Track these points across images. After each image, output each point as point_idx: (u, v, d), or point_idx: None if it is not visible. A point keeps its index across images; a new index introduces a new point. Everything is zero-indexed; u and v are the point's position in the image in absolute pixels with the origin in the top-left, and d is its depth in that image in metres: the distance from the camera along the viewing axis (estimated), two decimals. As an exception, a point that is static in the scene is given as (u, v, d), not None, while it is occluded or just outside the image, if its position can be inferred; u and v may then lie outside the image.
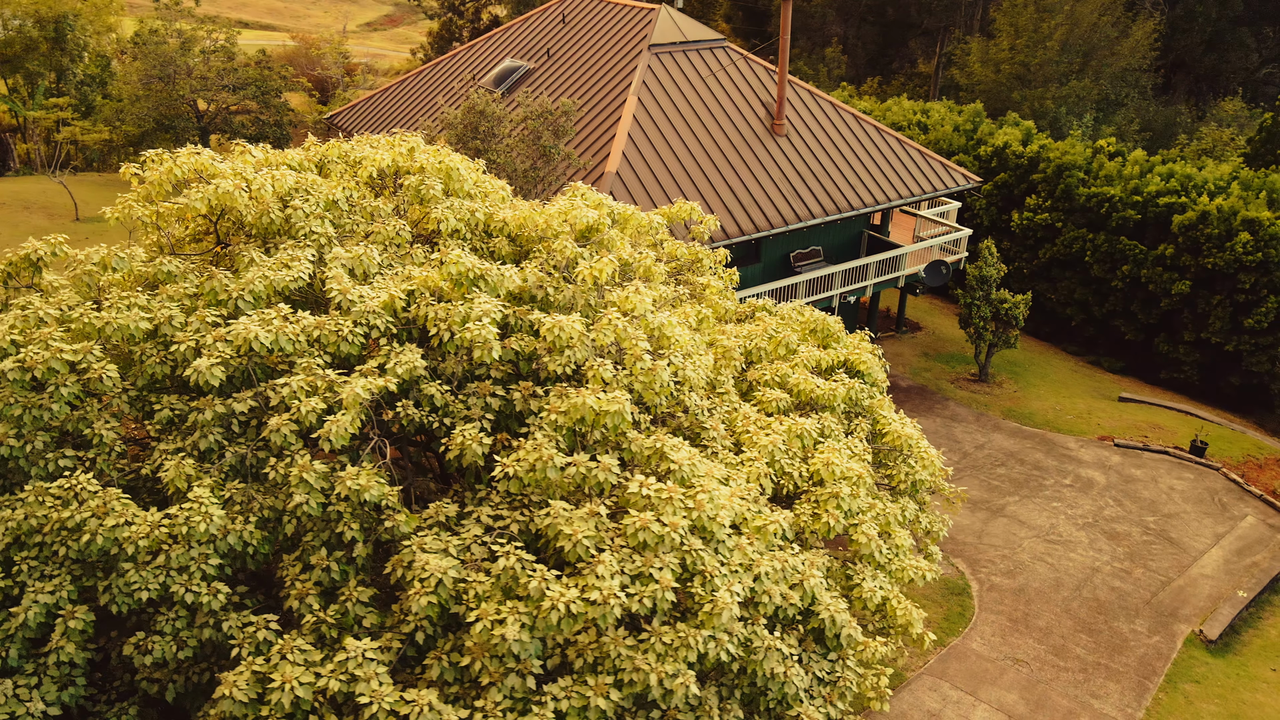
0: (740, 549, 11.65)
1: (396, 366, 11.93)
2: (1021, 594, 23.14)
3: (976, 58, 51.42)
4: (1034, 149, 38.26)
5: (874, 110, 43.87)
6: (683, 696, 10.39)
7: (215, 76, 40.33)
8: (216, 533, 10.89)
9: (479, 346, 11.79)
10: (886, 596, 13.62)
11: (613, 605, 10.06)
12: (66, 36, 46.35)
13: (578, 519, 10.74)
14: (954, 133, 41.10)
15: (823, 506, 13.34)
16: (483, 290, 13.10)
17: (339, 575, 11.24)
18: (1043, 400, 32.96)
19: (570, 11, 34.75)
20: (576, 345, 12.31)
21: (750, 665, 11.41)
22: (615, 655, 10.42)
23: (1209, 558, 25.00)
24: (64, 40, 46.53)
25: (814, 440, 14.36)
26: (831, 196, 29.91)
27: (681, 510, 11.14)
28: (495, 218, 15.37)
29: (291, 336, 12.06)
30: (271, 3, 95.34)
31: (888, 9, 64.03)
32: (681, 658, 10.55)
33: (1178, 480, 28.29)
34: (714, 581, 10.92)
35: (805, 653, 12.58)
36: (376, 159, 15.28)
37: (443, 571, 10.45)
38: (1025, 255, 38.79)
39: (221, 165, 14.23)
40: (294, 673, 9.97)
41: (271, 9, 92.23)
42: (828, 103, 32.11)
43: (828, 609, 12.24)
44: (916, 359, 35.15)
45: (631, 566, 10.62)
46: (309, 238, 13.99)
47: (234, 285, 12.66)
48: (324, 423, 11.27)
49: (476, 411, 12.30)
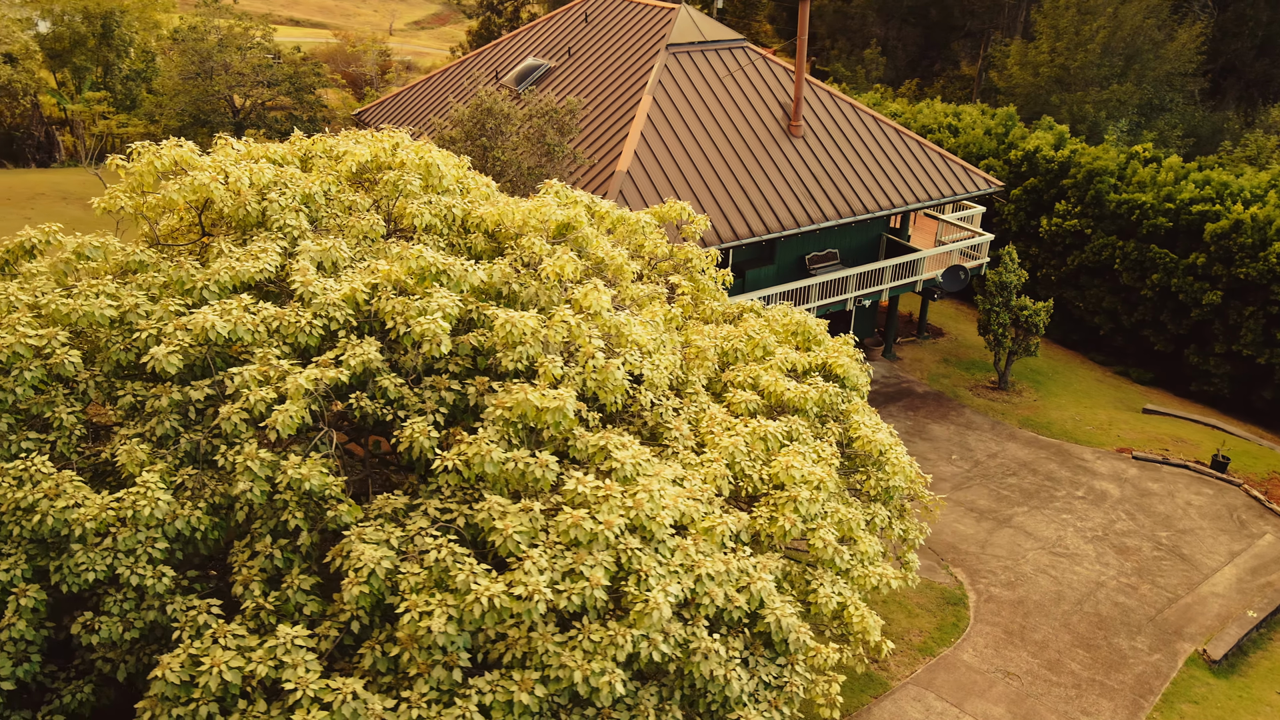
0: (683, 549, 11.61)
1: (350, 359, 12.07)
2: (1020, 606, 22.72)
3: (1015, 60, 50.55)
4: (1065, 154, 37.54)
5: (904, 113, 43.37)
6: (609, 695, 10.39)
7: (251, 73, 41.12)
8: (163, 517, 11.12)
9: (428, 340, 11.89)
10: (844, 603, 13.47)
11: (537, 601, 10.09)
12: (113, 32, 47.58)
13: (511, 514, 10.79)
14: (985, 136, 40.47)
15: (780, 510, 13.24)
16: (445, 285, 13.22)
17: (282, 563, 11.41)
18: (1063, 410, 32.32)
19: (593, 11, 34.85)
20: (529, 341, 12.36)
21: (688, 667, 11.36)
22: (543, 651, 10.45)
23: (1221, 576, 24.33)
24: (111, 36, 47.76)
25: (779, 443, 14.25)
26: (846, 199, 29.63)
27: (619, 509, 11.13)
28: (473, 214, 15.48)
29: (251, 327, 12.27)
30: (323, 1, 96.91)
31: (930, 10, 63.27)
32: (610, 656, 10.54)
33: (1196, 495, 27.57)
34: (648, 581, 10.90)
35: (753, 656, 12.49)
36: (357, 154, 15.48)
37: (375, 562, 10.56)
38: (1053, 262, 38.06)
39: (202, 158, 14.52)
40: (224, 657, 10.15)
41: (323, 7, 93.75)
42: (847, 104, 31.82)
43: (774, 613, 12.14)
44: (936, 365, 34.67)
45: (562, 563, 10.64)
46: (283, 230, 14.22)
47: (200, 275, 12.91)
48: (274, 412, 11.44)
49: (430, 405, 12.41)
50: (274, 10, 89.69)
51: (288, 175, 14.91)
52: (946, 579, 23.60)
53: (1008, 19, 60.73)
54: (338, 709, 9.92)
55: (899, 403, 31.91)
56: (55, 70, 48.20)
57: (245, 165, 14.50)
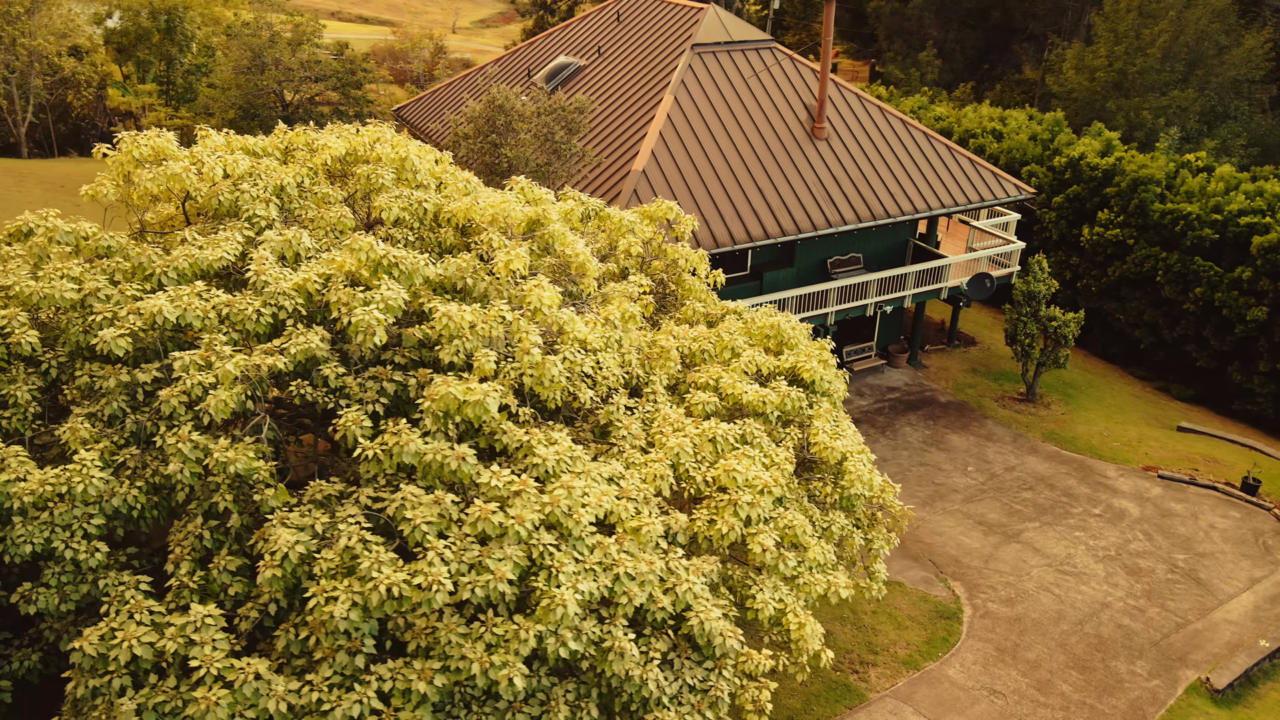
0: (602, 548, 11.61)
1: (291, 347, 12.34)
2: (1017, 623, 22.16)
3: (1071, 65, 49.20)
4: (1109, 161, 36.44)
5: (948, 117, 42.58)
6: (508, 688, 10.45)
7: (299, 68, 42.14)
8: (97, 494, 11.51)
9: (362, 331, 12.09)
10: (783, 609, 13.32)
11: (435, 591, 10.20)
12: (176, 27, 49.18)
13: (424, 505, 10.92)
14: (1029, 142, 39.52)
15: (720, 513, 13.15)
16: (397, 277, 13.42)
17: (212, 544, 11.72)
18: (1091, 425, 31.39)
19: (625, 10, 34.93)
20: (467, 335, 12.49)
21: (601, 665, 11.37)
22: (446, 642, 10.55)
23: (1237, 603, 23.40)
24: (174, 31, 49.37)
25: (731, 446, 14.15)
26: (868, 203, 29.21)
27: (534, 505, 11.19)
28: (445, 209, 15.67)
29: (201, 313, 12.62)
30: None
31: (992, 12, 61.96)
32: (513, 650, 10.60)
33: (1221, 518, 26.56)
34: (559, 577, 10.93)
35: (679, 658, 12.44)
36: (332, 148, 15.79)
37: (290, 546, 10.79)
38: (1094, 272, 36.99)
39: (180, 148, 14.97)
40: (136, 632, 10.47)
41: (391, 5, 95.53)
42: (874, 107, 31.36)
43: (699, 615, 12.07)
44: (963, 374, 33.96)
45: (470, 556, 10.73)
46: (251, 221, 14.58)
47: (160, 262, 13.32)
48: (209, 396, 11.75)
49: (371, 395, 12.62)
50: (344, 8, 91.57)
51: (263, 167, 15.28)
52: (943, 592, 23.13)
53: (1071, 22, 59.19)
54: (239, 688, 10.16)
55: (919, 411, 31.36)
56: (121, 64, 50.01)
57: (220, 156, 14.89)
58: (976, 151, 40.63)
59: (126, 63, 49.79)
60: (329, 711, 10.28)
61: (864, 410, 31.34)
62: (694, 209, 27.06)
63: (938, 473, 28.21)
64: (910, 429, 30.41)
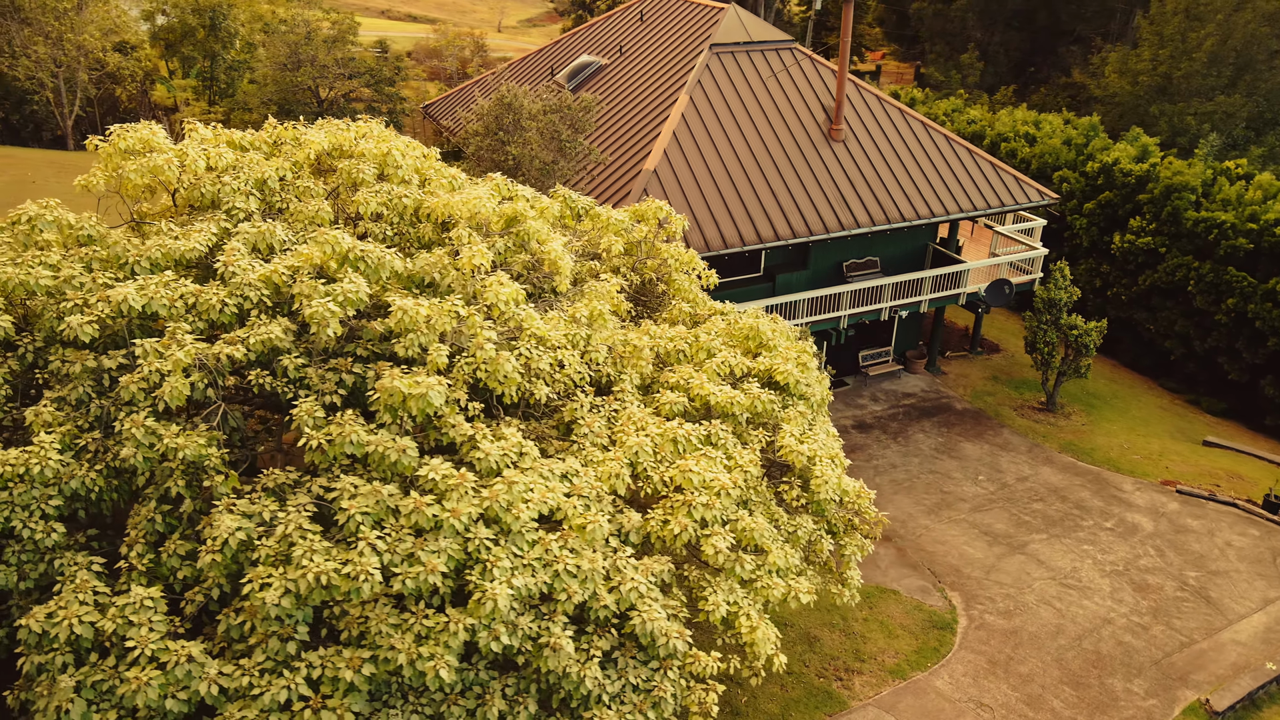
0: (543, 544, 11.64)
1: (251, 337, 12.55)
2: (1013, 636, 21.75)
3: (1114, 68, 48.11)
4: (1144, 167, 35.58)
5: (980, 120, 41.91)
6: (435, 680, 10.52)
7: (334, 65, 42.81)
8: (54, 475, 11.81)
9: (316, 323, 12.26)
10: (735, 612, 13.23)
11: (363, 581, 10.31)
12: (220, 24, 50.25)
13: (362, 495, 11.04)
14: (1063, 146, 38.73)
15: (674, 514, 13.10)
16: (363, 271, 13.58)
17: (164, 527, 11.97)
18: (1111, 436, 30.68)
19: (648, 9, 34.93)
20: (422, 329, 12.60)
21: (536, 661, 11.40)
22: (376, 632, 10.66)
23: (1247, 624, 22.71)
24: (218, 28, 50.45)
25: (694, 447, 14.09)
26: (883, 206, 28.87)
27: (472, 499, 11.25)
28: (425, 204, 15.82)
29: (167, 302, 12.89)
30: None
31: (1039, 13, 60.83)
32: (443, 642, 10.68)
33: (1238, 536, 25.79)
34: (492, 572, 10.98)
35: (623, 656, 12.42)
36: (315, 142, 16.02)
37: (230, 532, 10.98)
38: (1124, 281, 36.14)
39: (166, 141, 15.30)
40: (79, 611, 10.74)
41: (440, 4, 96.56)
42: (895, 108, 30.98)
43: (642, 615, 12.04)
44: (983, 382, 33.40)
45: (404, 547, 10.83)
46: (230, 213, 14.86)
47: (134, 251, 13.63)
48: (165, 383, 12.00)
49: (330, 386, 12.79)
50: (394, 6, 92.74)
51: (246, 160, 15.56)
52: (939, 602, 22.77)
53: (1119, 24, 57.90)
54: (171, 669, 10.37)
55: (934, 419, 30.91)
56: (167, 59, 51.22)
57: (204, 149, 15.20)
58: (1008, 156, 39.95)
59: (172, 58, 50.97)
60: (259, 696, 10.45)
61: (877, 416, 30.99)
62: (704, 209, 27.00)
63: (947, 481, 27.78)
64: (923, 436, 29.99)
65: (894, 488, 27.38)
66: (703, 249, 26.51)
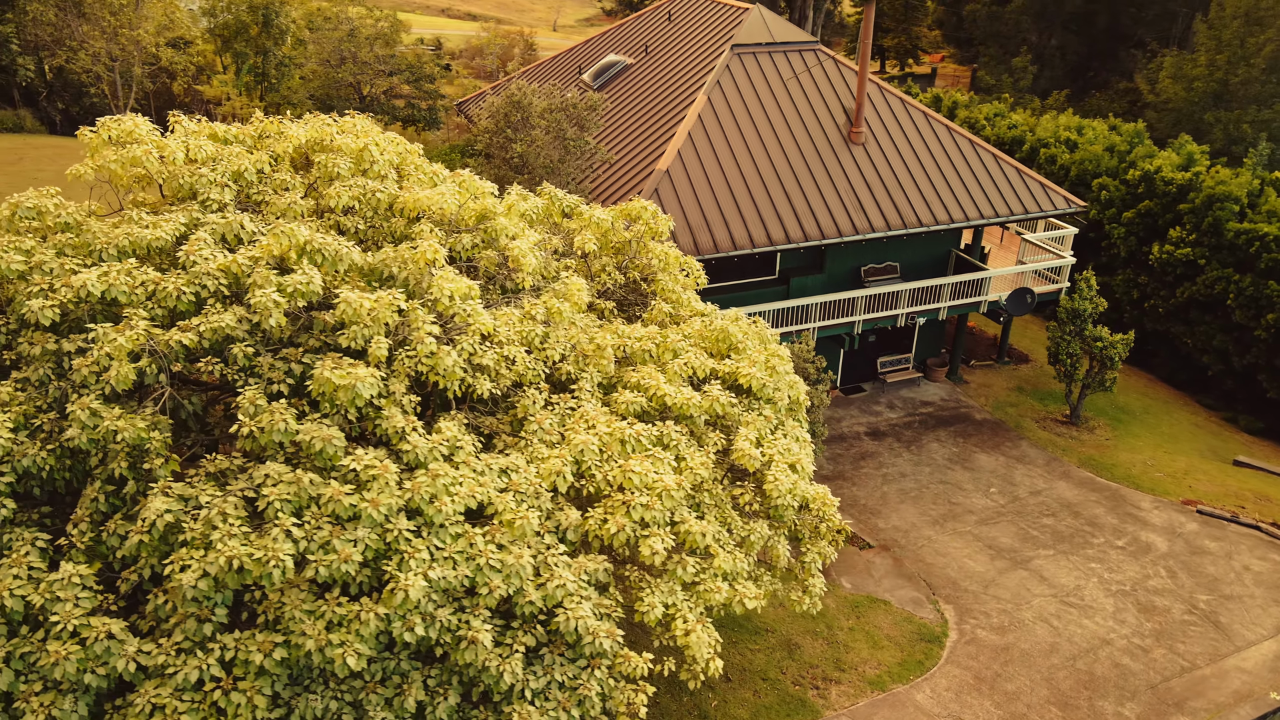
0: (467, 537, 11.72)
1: (203, 325, 12.87)
2: (1004, 653, 21.24)
3: (1168, 73, 46.66)
4: (1186, 176, 34.45)
5: (1021, 125, 41.00)
6: (342, 667, 10.67)
7: (374, 61, 43.57)
8: (4, 453, 12.24)
9: (259, 312, 12.52)
10: (672, 615, 13.16)
11: (272, 566, 10.50)
12: (272, 21, 51.44)
13: (284, 482, 11.25)
14: (1105, 153, 37.69)
15: (614, 513, 13.09)
16: (320, 263, 13.83)
17: (106, 507, 12.33)
18: (1136, 453, 29.77)
19: (676, 9, 34.88)
20: (365, 321, 12.78)
21: (455, 654, 11.49)
22: (290, 617, 10.85)
23: (1256, 651, 21.87)
24: (270, 25, 51.66)
25: (643, 447, 14.05)
26: (900, 211, 28.42)
27: (394, 490, 11.38)
28: (398, 199, 16.04)
29: (127, 289, 13.27)
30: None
31: (1099, 16, 59.28)
32: (354, 630, 10.82)
33: (1258, 560, 24.84)
34: (409, 563, 11.10)
35: (551, 654, 12.44)
36: (292, 136, 16.34)
37: (158, 515, 11.27)
38: (1162, 293, 35.04)
39: (149, 133, 15.75)
40: (10, 584, 11.12)
41: (501, 3, 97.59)
42: (919, 112, 30.47)
43: (567, 613, 12.06)
44: (1006, 392, 32.66)
45: (321, 535, 11.00)
46: (204, 204, 15.24)
47: (102, 239, 14.06)
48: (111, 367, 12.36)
49: (279, 375, 13.05)
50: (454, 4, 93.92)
51: (226, 153, 15.94)
52: (931, 615, 22.34)
53: (1180, 28, 56.18)
54: (91, 645, 10.69)
55: (950, 428, 30.33)
56: (220, 55, 52.64)
57: (183, 140, 15.61)
58: (1047, 162, 39.03)
59: (225, 54, 52.35)
60: (173, 675, 10.71)
61: (892, 423, 30.52)
62: (715, 210, 26.87)
63: (957, 492, 27.24)
64: (937, 445, 29.45)
65: (900, 496, 26.95)
66: (711, 250, 26.40)
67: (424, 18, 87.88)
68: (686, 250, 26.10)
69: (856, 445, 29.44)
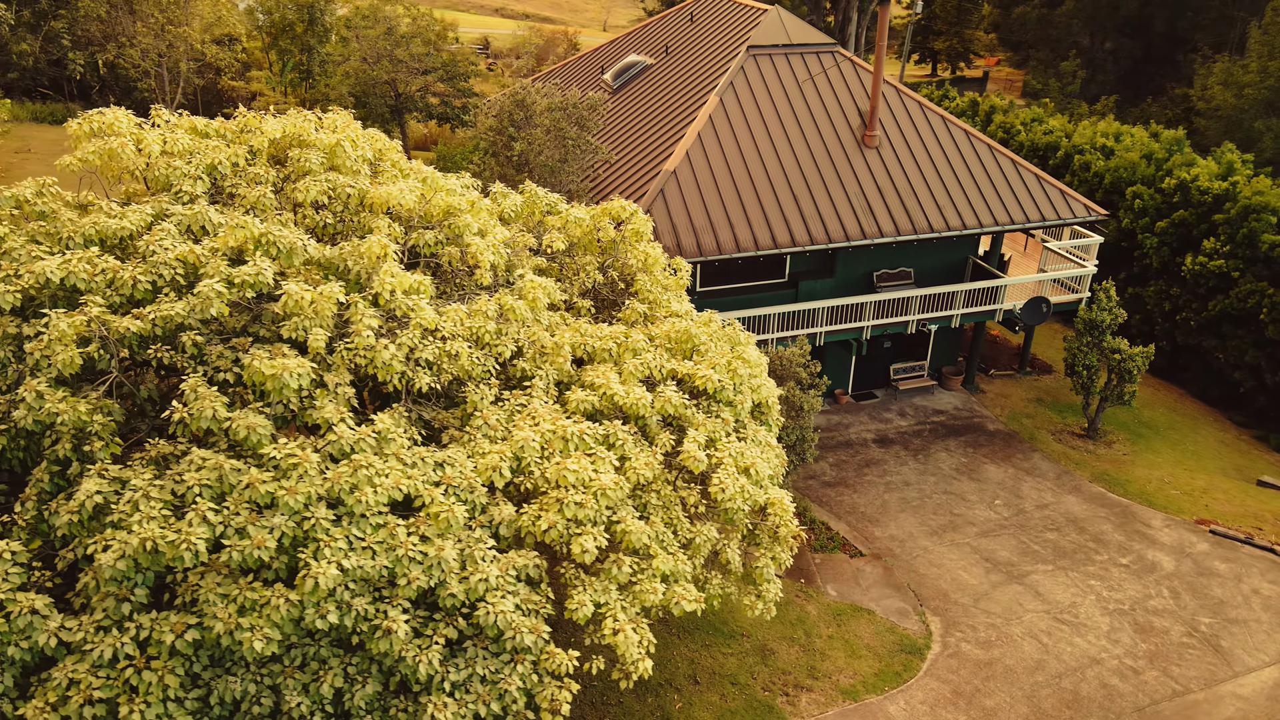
0: (388, 529, 11.86)
1: (152, 312, 13.21)
2: (986, 668, 20.80)
3: (1218, 79, 45.20)
4: (1223, 186, 33.38)
5: (1057, 131, 40.08)
6: (250, 650, 10.87)
7: (409, 60, 44.18)
8: (-45, 433, 12.71)
9: (201, 301, 12.80)
10: (602, 614, 13.15)
11: (184, 549, 10.74)
12: (318, 20, 52.48)
13: (207, 468, 11.50)
14: (1141, 160, 36.68)
15: (547, 510, 13.12)
16: (275, 256, 14.10)
17: (50, 487, 12.71)
18: (1154, 469, 28.92)
19: (698, 10, 34.78)
20: (307, 313, 12.99)
21: (370, 643, 11.63)
22: (205, 600, 11.09)
23: (1256, 678, 21.10)
24: (316, 23, 52.70)
25: (586, 446, 14.06)
26: (912, 216, 27.98)
27: (313, 479, 11.56)
28: (368, 194, 16.28)
29: (86, 276, 13.67)
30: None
31: (1155, 20, 57.70)
32: (265, 615, 11.02)
33: (1269, 584, 23.96)
34: (324, 551, 11.27)
35: (474, 647, 12.52)
36: (267, 131, 16.68)
37: (88, 495, 11.60)
38: (1194, 305, 33.98)
39: (127, 125, 16.20)
40: (-57, 558, 11.54)
41: (554, 3, 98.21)
42: (937, 116, 29.97)
43: (489, 607, 12.13)
44: (1024, 403, 31.95)
45: (238, 521, 11.22)
46: (176, 196, 15.63)
47: (69, 228, 14.50)
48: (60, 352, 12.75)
49: (225, 364, 13.33)
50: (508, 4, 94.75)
51: (202, 145, 16.32)
52: (916, 626, 21.97)
53: (1239, 34, 54.42)
54: (14, 619, 11.04)
55: (961, 438, 29.77)
56: (266, 52, 53.84)
57: (158, 134, 16.03)
58: (1081, 169, 38.11)
59: (271, 51, 53.53)
60: (90, 651, 11.02)
61: (901, 431, 30.07)
62: (721, 211, 26.75)
63: (960, 503, 26.75)
64: (946, 455, 28.94)
65: (901, 505, 26.54)
66: (714, 252, 26.28)
67: (478, 17, 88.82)
68: (689, 252, 26.04)
69: (863, 452, 29.06)
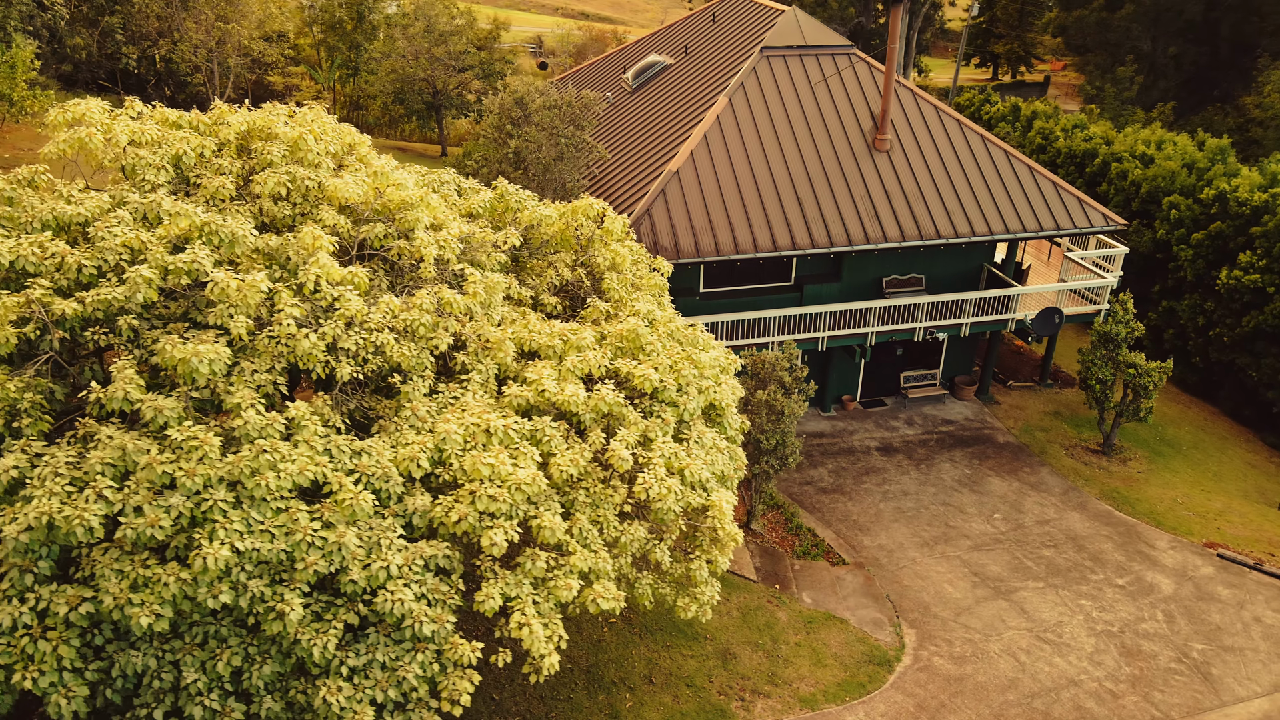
0: (291, 513, 12.07)
1: (89, 296, 13.66)
2: (956, 683, 20.31)
3: (1275, 86, 43.40)
4: (1263, 197, 32.06)
5: (1097, 137, 38.93)
6: (138, 626, 11.18)
7: (445, 57, 44.83)
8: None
9: (130, 285, 13.19)
10: (512, 607, 13.19)
11: (77, 525, 11.09)
12: (365, 17, 53.56)
13: (109, 448, 11.85)
14: (1181, 170, 35.43)
15: (460, 502, 13.22)
16: (217, 245, 14.47)
17: (-16, 463, 13.22)
18: (1168, 489, 27.90)
19: (720, 11, 34.62)
20: (233, 301, 13.30)
21: (265, 624, 11.86)
22: (101, 575, 11.44)
23: (1244, 709, 20.23)
24: (364, 21, 53.79)
25: (511, 440, 14.13)
26: (919, 222, 27.46)
27: (213, 461, 11.83)
28: (326, 187, 16.60)
29: (36, 259, 14.20)
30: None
31: (1222, 25, 55.65)
32: (156, 592, 11.32)
33: (1272, 613, 22.94)
34: (218, 532, 11.52)
35: (376, 634, 12.68)
36: (234, 124, 17.11)
37: (5, 469, 12.04)
38: (1228, 321, 32.69)
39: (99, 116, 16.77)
40: None
41: (615, 3, 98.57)
42: (952, 120, 29.35)
43: (388, 594, 12.27)
44: (1039, 416, 31.10)
45: (136, 499, 11.54)
46: (137, 185, 16.14)
47: (27, 213, 15.07)
48: (0, 332, 13.26)
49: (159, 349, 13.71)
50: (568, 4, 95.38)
51: (170, 136, 16.81)
52: (889, 637, 21.55)
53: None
54: (-73, 588, 11.54)
55: (968, 449, 29.11)
56: (315, 49, 55.12)
57: (125, 125, 16.55)
58: (1118, 177, 36.96)
59: (319, 47, 54.76)
60: (-7, 620, 11.47)
61: (906, 440, 29.52)
62: (722, 213, 26.59)
63: (957, 515, 26.16)
64: (949, 465, 28.33)
65: (895, 515, 26.06)
66: (713, 253, 26.15)
67: (536, 16, 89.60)
68: (688, 252, 25.96)
69: (864, 460, 28.61)
